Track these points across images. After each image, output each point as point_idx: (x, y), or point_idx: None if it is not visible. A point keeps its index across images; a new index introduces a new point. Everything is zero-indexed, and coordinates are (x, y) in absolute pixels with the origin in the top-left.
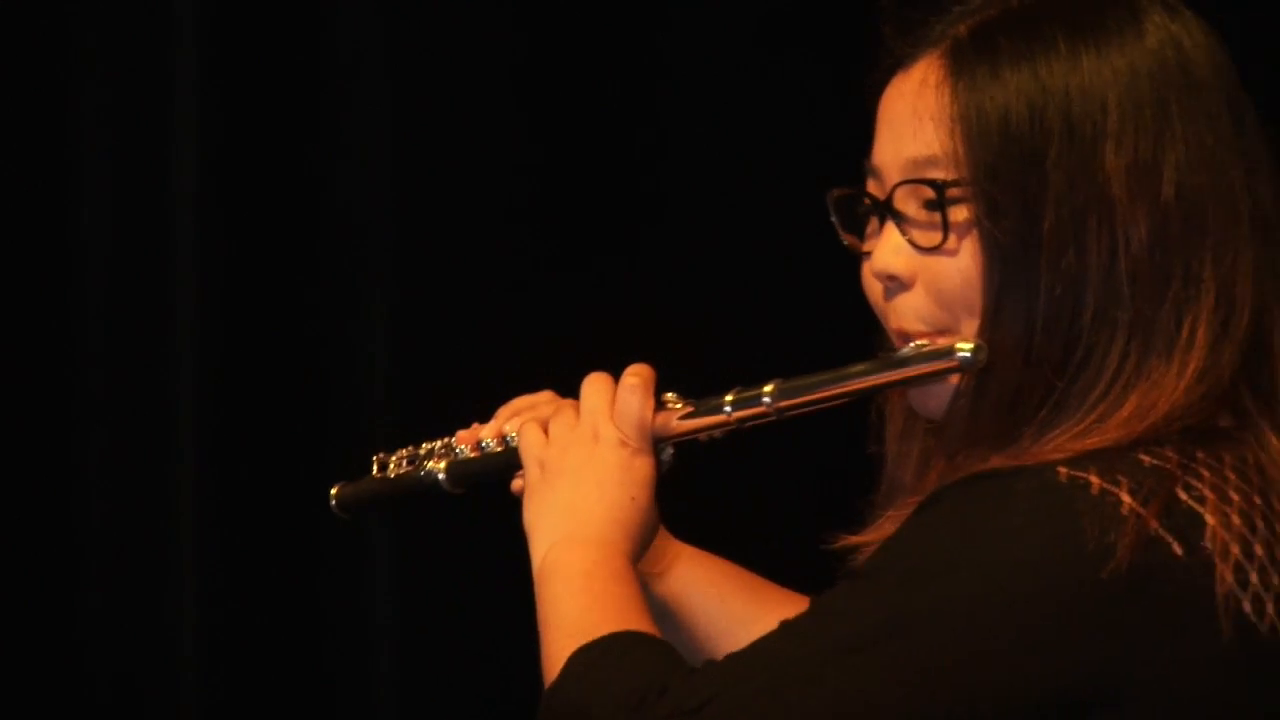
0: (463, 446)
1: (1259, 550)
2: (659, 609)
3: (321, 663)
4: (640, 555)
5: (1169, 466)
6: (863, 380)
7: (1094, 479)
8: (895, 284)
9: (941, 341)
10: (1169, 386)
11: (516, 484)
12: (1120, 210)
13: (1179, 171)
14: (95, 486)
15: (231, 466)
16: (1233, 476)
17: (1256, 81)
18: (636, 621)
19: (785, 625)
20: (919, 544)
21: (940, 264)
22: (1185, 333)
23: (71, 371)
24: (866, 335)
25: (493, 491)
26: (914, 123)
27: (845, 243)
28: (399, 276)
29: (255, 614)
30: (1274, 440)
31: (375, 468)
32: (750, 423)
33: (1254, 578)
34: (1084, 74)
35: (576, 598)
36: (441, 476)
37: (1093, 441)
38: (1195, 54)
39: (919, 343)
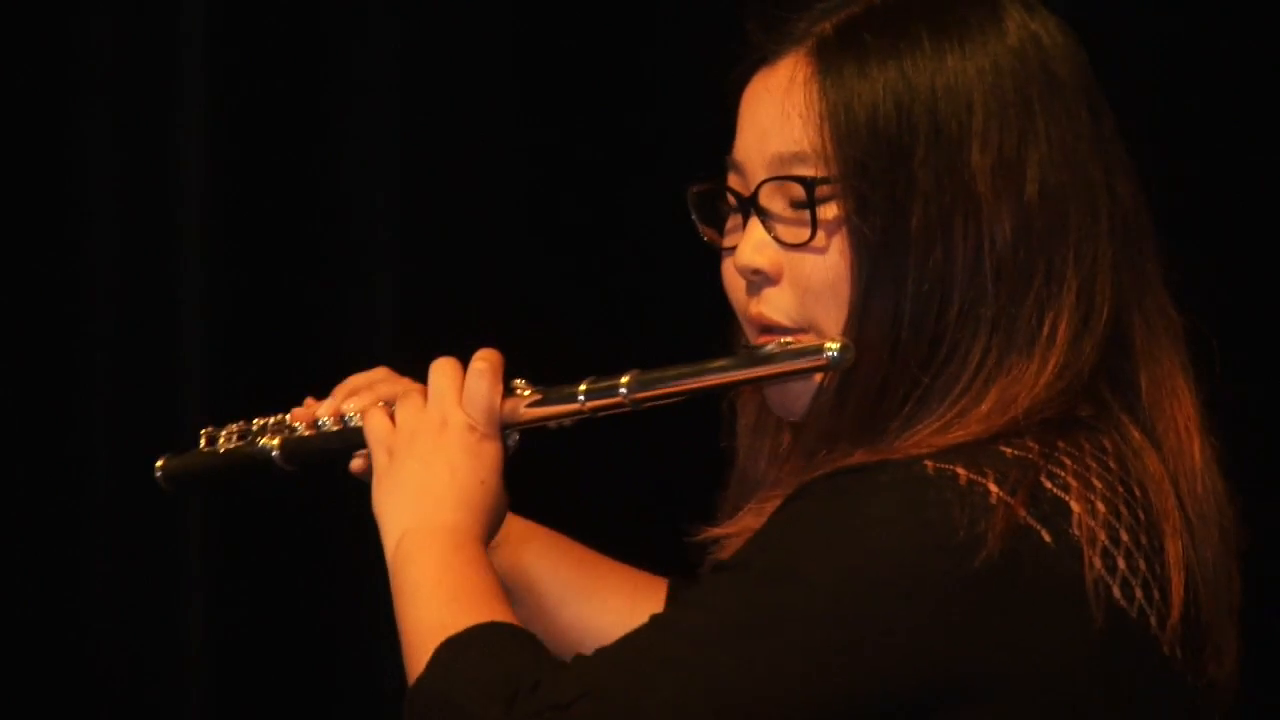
0: (298, 424)
1: (1124, 536)
2: None
3: (326, 665)
4: (490, 539)
5: (1031, 456)
6: (725, 375)
7: (960, 470)
8: (760, 278)
9: (807, 340)
10: (1029, 382)
11: (355, 464)
12: (986, 208)
13: (1042, 169)
14: (100, 489)
15: None
16: (1093, 465)
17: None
18: (498, 611)
19: (655, 619)
20: (788, 536)
21: (807, 260)
22: (1046, 329)
23: (77, 375)
24: None
25: (328, 470)
26: (781, 119)
27: (704, 238)
28: (404, 281)
29: (262, 615)
30: (1135, 433)
31: (203, 441)
32: (602, 412)
33: (1121, 563)
34: (949, 73)
35: (436, 588)
36: (275, 453)
37: (954, 436)
38: (1055, 52)
39: (784, 340)
